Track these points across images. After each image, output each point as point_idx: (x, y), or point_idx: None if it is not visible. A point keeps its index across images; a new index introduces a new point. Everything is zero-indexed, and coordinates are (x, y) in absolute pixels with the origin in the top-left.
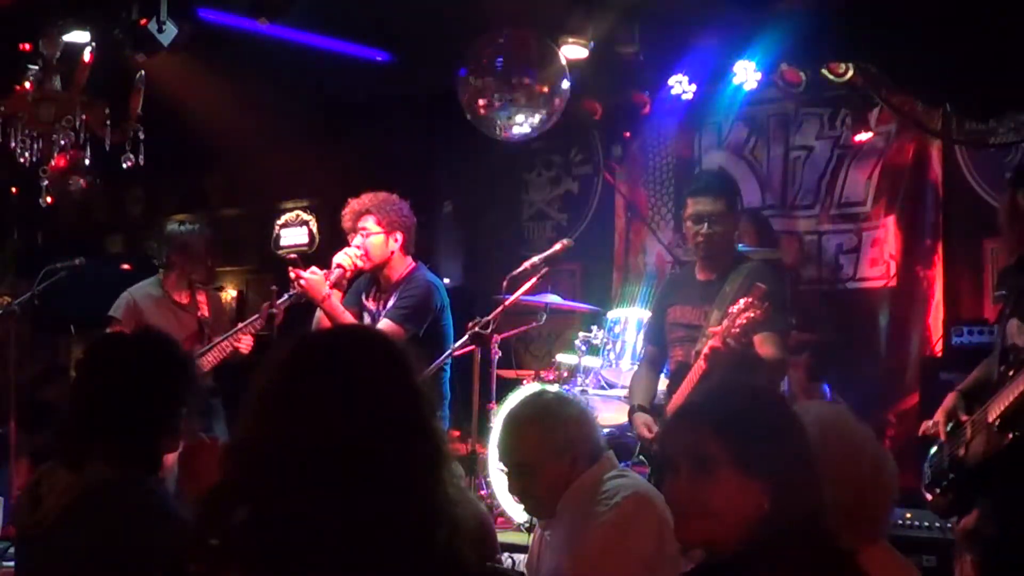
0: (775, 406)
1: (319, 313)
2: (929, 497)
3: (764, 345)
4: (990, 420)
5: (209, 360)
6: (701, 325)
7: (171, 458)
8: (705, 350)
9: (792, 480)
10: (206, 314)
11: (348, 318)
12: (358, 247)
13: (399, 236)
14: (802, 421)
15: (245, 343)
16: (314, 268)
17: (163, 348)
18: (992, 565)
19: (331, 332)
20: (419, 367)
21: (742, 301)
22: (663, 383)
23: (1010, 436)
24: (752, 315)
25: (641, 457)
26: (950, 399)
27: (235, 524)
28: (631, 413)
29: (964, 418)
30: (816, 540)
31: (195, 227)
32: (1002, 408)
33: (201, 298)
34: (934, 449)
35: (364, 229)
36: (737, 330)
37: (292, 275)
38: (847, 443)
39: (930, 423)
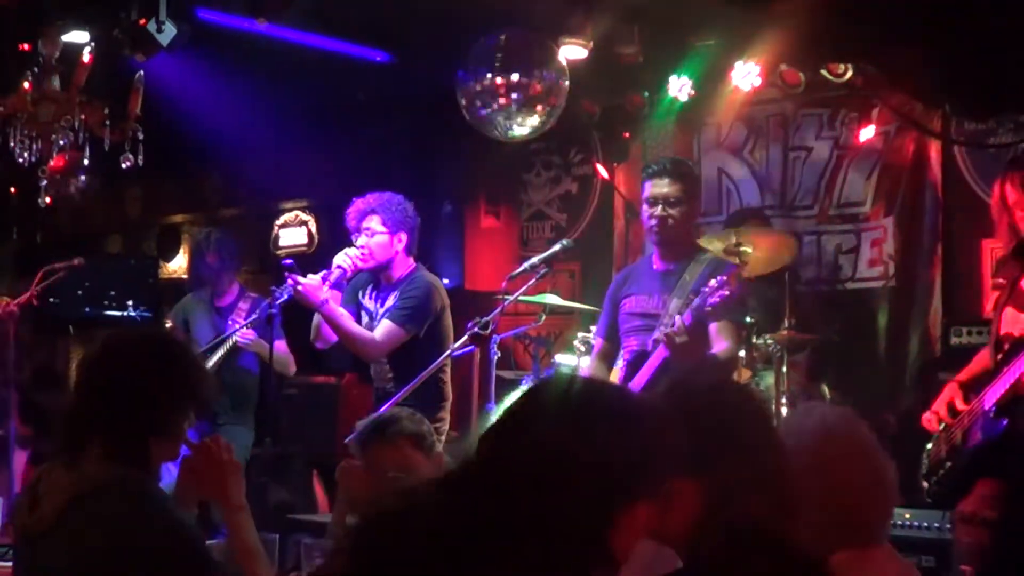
0: (722, 406)
1: (318, 317)
2: (926, 485)
3: (720, 334)
4: (986, 408)
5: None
6: (659, 313)
7: None
8: (666, 332)
9: (727, 481)
10: None
11: (347, 321)
12: (361, 247)
13: (403, 236)
14: (761, 423)
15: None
16: (311, 276)
17: (169, 347)
18: (991, 549)
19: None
20: None
21: (715, 280)
22: (615, 374)
23: (1004, 423)
24: (726, 293)
25: None
26: (948, 390)
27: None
28: None
29: (961, 407)
30: (773, 547)
31: None
32: (997, 396)
33: None
34: (931, 442)
35: (369, 229)
36: (709, 308)
37: (289, 281)
38: (849, 446)
39: (929, 414)
